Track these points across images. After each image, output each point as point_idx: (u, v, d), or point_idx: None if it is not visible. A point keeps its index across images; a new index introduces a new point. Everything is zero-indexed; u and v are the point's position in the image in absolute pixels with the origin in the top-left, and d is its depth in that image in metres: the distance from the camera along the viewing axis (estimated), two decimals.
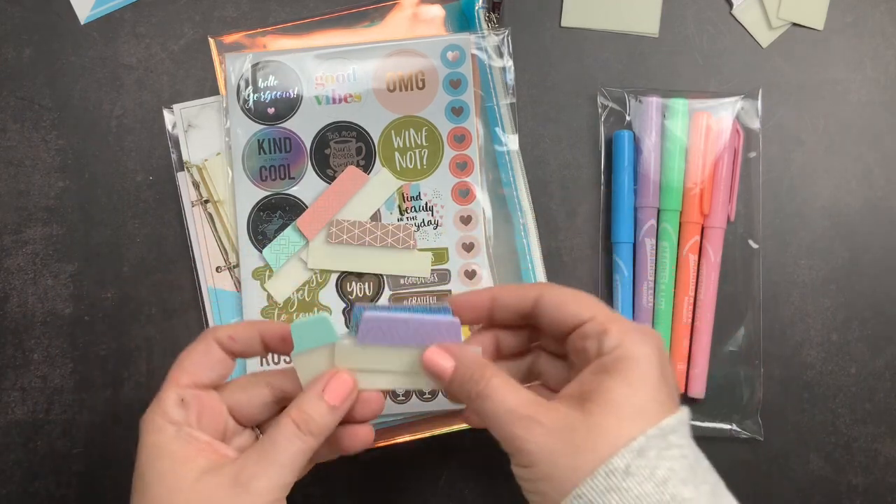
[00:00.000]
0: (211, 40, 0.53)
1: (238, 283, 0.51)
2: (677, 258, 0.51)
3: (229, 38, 0.53)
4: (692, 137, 0.51)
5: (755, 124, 0.52)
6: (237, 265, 0.51)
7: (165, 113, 0.53)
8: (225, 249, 0.52)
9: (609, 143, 0.53)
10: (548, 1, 0.54)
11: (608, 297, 0.52)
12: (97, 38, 0.54)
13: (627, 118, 0.52)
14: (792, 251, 0.53)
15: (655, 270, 0.51)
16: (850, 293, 0.52)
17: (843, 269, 0.53)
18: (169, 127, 0.53)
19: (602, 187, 0.53)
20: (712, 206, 0.51)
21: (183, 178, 0.52)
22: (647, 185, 0.51)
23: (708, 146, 0.51)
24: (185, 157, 0.52)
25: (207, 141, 0.52)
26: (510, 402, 0.36)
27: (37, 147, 0.53)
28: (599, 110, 0.53)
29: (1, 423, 0.52)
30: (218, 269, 0.52)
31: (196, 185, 0.52)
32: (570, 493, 0.33)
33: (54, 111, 0.54)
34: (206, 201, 0.52)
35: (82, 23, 0.54)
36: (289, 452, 0.37)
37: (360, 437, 0.41)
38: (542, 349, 0.42)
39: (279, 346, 0.41)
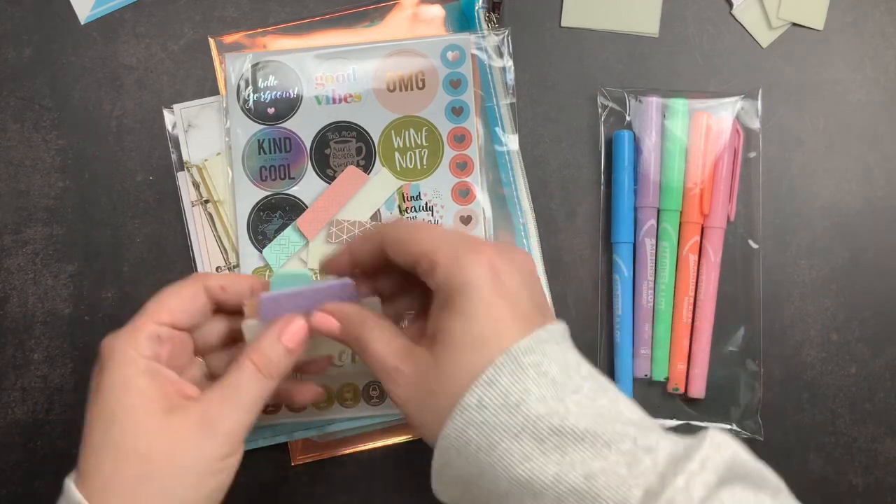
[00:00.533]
0: (211, 40, 0.53)
1: None
2: (677, 258, 0.51)
3: (229, 38, 0.53)
4: (692, 137, 0.51)
5: (755, 124, 0.52)
6: (237, 265, 0.51)
7: (165, 113, 0.53)
8: (225, 249, 0.52)
9: (609, 143, 0.53)
10: (548, 1, 0.54)
11: (608, 297, 0.52)
12: (97, 38, 0.54)
13: (627, 118, 0.52)
14: (792, 251, 0.53)
15: (655, 270, 0.51)
16: (850, 293, 0.52)
17: (843, 269, 0.53)
18: (169, 127, 0.53)
19: (602, 187, 0.53)
20: (712, 206, 0.51)
21: (183, 178, 0.52)
22: (647, 185, 0.51)
23: (708, 146, 0.51)
24: (185, 157, 0.52)
25: (207, 141, 0.52)
26: (381, 354, 0.37)
27: (37, 147, 0.53)
28: (599, 110, 0.53)
29: (1, 423, 0.52)
30: (218, 269, 0.52)
31: (196, 185, 0.52)
32: (437, 437, 0.34)
33: (54, 111, 0.54)
34: (206, 201, 0.52)
35: (82, 23, 0.54)
36: (251, 395, 0.38)
37: (309, 393, 0.43)
38: None
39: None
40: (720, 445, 0.32)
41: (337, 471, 0.51)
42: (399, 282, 0.42)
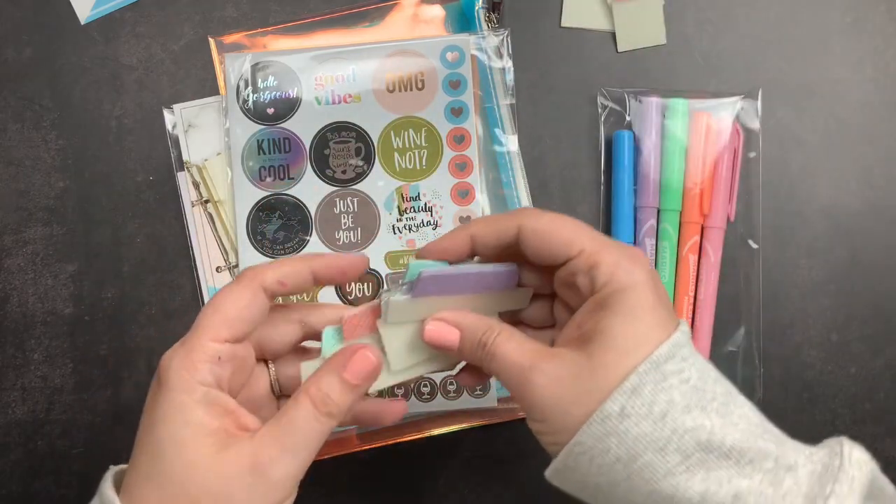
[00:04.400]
0: (211, 40, 0.53)
1: None
2: (677, 258, 0.51)
3: (229, 39, 0.53)
4: (692, 137, 0.51)
5: (755, 124, 0.52)
6: (237, 265, 0.51)
7: (165, 113, 0.53)
8: (225, 249, 0.52)
9: (609, 143, 0.53)
10: (548, 1, 0.54)
11: None
12: (97, 38, 0.54)
13: (627, 118, 0.52)
14: (792, 251, 0.53)
15: (656, 269, 0.51)
16: (850, 293, 0.52)
17: (843, 269, 0.53)
18: (169, 127, 0.53)
19: (602, 187, 0.53)
20: (712, 206, 0.51)
21: (183, 178, 0.52)
22: (647, 185, 0.51)
23: (708, 146, 0.51)
24: (185, 157, 0.52)
25: (207, 141, 0.52)
26: (515, 357, 0.34)
27: (37, 147, 0.53)
28: (599, 110, 0.53)
29: (1, 423, 0.52)
30: (218, 269, 0.52)
31: (196, 185, 0.52)
32: (568, 443, 0.33)
33: (54, 111, 0.54)
34: (207, 201, 0.52)
35: (82, 23, 0.54)
36: (307, 436, 0.34)
37: (394, 411, 0.40)
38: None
39: (337, 278, 0.38)
40: (861, 463, 0.32)
41: (337, 471, 0.51)
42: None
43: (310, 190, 0.51)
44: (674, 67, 0.54)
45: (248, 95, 0.52)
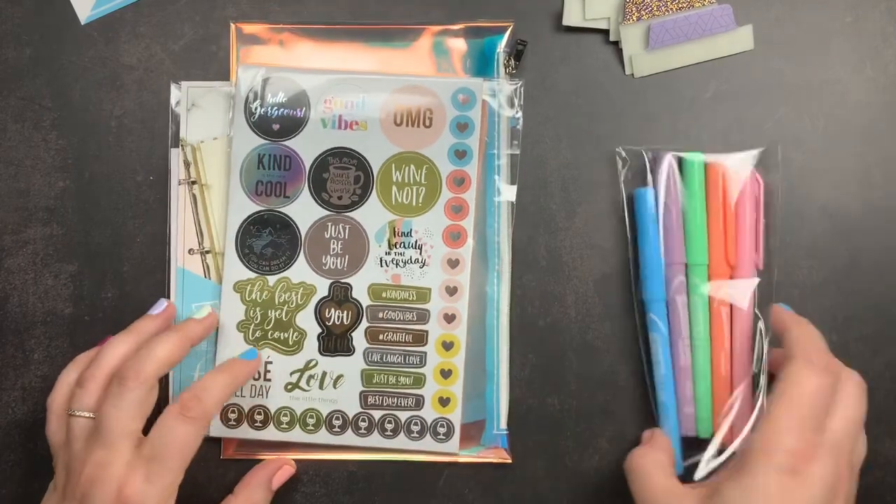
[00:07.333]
0: (233, 25, 0.53)
1: (207, 270, 0.51)
2: (710, 312, 0.50)
3: (249, 28, 0.53)
4: (711, 189, 0.50)
5: (775, 176, 0.51)
6: (209, 251, 0.51)
7: (172, 88, 0.53)
8: (201, 232, 0.52)
9: (630, 200, 0.52)
10: (548, 1, 0.54)
11: (647, 355, 0.51)
12: (97, 38, 0.54)
13: (648, 177, 0.51)
14: (792, 251, 0.53)
15: (690, 326, 0.50)
16: (850, 293, 0.52)
17: (843, 269, 0.53)
18: (173, 102, 0.52)
19: (629, 244, 0.52)
20: (738, 256, 0.50)
21: (175, 155, 0.52)
22: (671, 242, 0.50)
23: (727, 197, 0.50)
24: (182, 135, 0.52)
25: (208, 123, 0.52)
26: (649, 489, 0.44)
27: (37, 147, 0.53)
28: (619, 168, 0.52)
29: (1, 423, 0.52)
30: (191, 251, 0.52)
31: (187, 165, 0.52)
32: None
33: (54, 111, 0.54)
34: (194, 182, 0.52)
35: (82, 23, 0.54)
36: None
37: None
38: None
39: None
40: None
41: (337, 470, 0.51)
42: None
43: (304, 211, 0.51)
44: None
45: (255, 108, 0.51)
